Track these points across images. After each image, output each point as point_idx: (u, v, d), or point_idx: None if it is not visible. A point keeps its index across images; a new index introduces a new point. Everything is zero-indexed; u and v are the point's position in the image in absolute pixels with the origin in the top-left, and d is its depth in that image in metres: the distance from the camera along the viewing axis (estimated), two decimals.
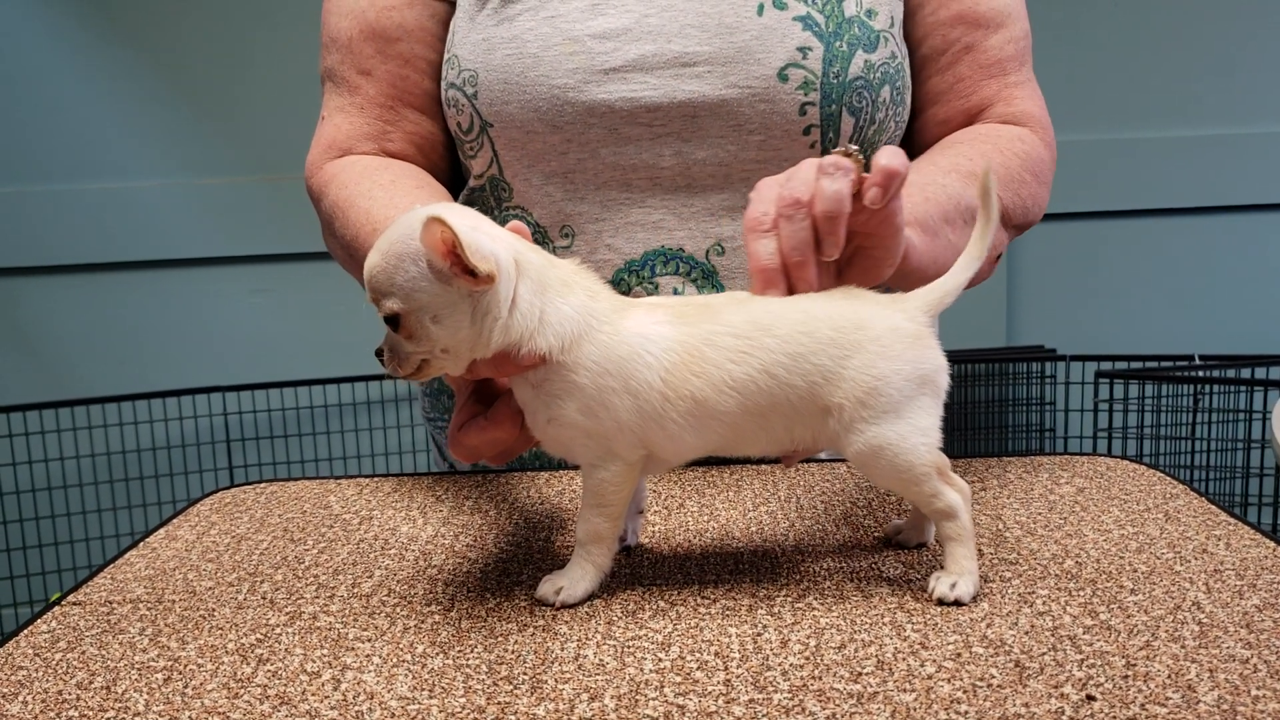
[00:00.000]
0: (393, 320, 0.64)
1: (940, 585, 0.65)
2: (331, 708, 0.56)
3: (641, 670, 0.58)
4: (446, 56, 0.96)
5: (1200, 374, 2.07)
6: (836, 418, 0.65)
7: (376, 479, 0.97)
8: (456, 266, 0.61)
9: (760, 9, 0.90)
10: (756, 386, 0.64)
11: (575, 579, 0.67)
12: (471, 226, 0.62)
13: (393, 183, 0.91)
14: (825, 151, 0.92)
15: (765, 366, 0.64)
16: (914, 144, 1.02)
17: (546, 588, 0.67)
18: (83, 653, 0.64)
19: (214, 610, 0.69)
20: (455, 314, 0.63)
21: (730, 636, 0.61)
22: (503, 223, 0.64)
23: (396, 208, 0.86)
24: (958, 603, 0.64)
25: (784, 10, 0.90)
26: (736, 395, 0.64)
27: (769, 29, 0.90)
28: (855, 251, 0.71)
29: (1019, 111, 0.98)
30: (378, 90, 0.99)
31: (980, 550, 0.73)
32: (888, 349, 0.65)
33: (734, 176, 0.92)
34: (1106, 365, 2.15)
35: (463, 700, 0.56)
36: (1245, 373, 2.06)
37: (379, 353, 0.66)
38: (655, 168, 0.91)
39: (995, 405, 2.26)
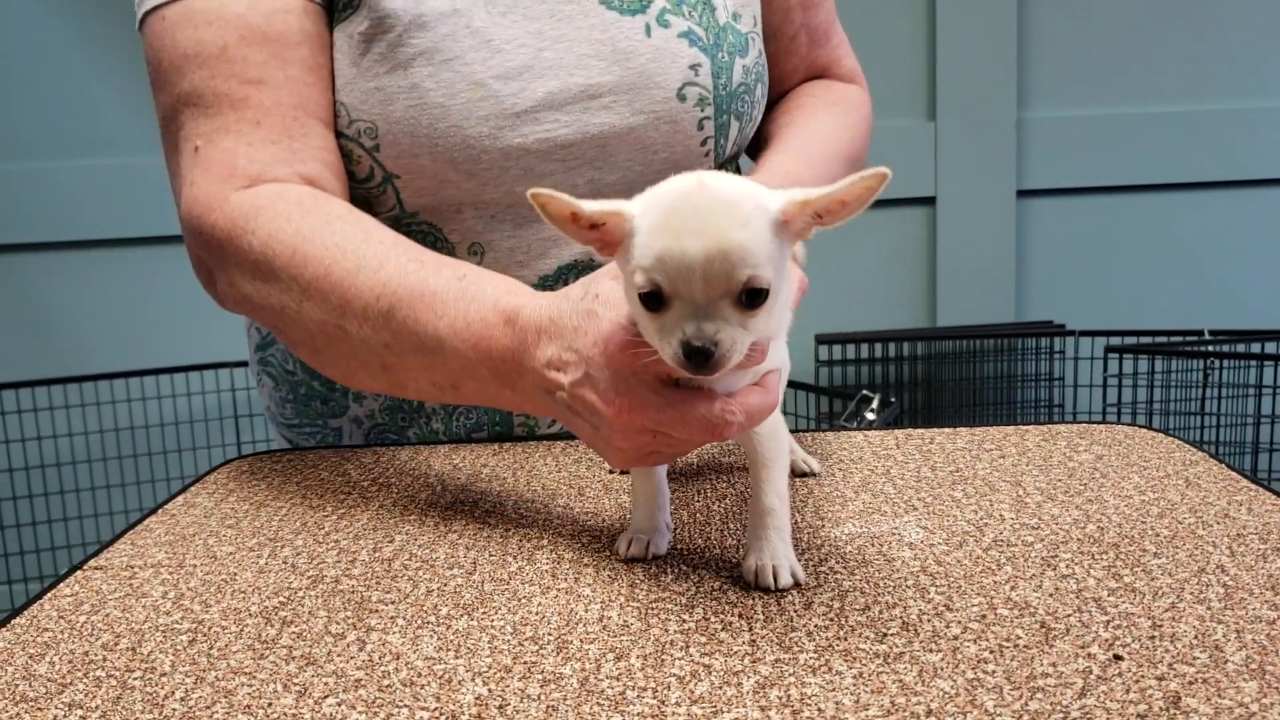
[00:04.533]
0: (761, 295, 0.55)
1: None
2: (358, 668, 0.56)
3: (666, 631, 0.58)
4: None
5: (1210, 349, 2.07)
6: None
7: (392, 448, 0.97)
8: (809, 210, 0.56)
9: (647, 29, 0.91)
10: None
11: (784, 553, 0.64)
12: None
13: (362, 221, 0.80)
14: (719, 157, 0.96)
15: None
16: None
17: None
18: (106, 615, 0.64)
19: (235, 574, 0.69)
20: (785, 267, 0.57)
21: (753, 599, 0.61)
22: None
23: (410, 257, 0.76)
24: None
25: (668, 28, 0.91)
26: None
27: (660, 50, 0.91)
28: None
29: (848, 69, 1.10)
30: (275, 100, 0.84)
31: (1002, 515, 0.73)
32: None
33: (639, 191, 0.91)
34: (1115, 340, 2.15)
35: (489, 660, 0.56)
36: (1255, 347, 2.05)
37: (703, 354, 0.54)
38: (568, 192, 0.90)
39: (1004, 381, 2.25)
